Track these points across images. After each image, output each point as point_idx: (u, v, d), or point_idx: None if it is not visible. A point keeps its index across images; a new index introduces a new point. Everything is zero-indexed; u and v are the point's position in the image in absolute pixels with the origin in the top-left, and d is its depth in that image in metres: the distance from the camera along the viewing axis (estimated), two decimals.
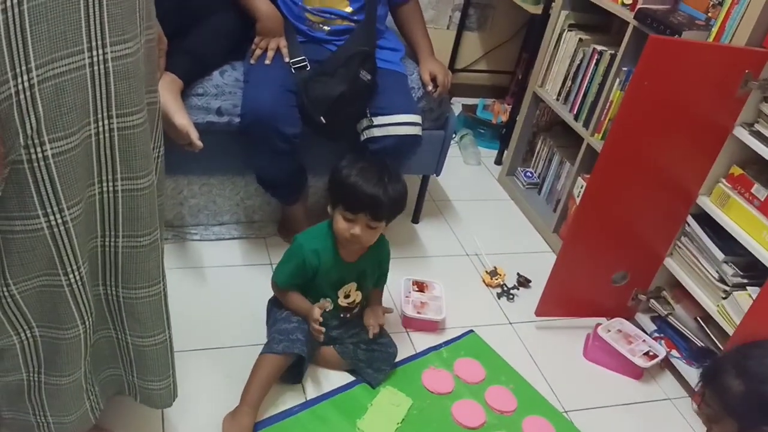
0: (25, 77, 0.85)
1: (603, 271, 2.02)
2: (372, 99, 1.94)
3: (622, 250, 1.98)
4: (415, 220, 2.47)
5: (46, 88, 0.88)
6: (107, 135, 1.00)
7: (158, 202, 1.17)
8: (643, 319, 2.09)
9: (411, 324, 1.98)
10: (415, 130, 1.96)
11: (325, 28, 2.02)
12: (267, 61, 1.92)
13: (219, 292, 1.97)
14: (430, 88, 2.07)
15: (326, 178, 2.21)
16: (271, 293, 1.79)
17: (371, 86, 1.92)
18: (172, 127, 1.73)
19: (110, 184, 1.05)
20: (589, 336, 2.03)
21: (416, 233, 2.43)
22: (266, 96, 1.84)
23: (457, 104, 3.17)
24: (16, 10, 0.81)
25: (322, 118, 1.88)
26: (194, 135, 1.75)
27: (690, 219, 1.90)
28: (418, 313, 1.98)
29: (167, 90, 1.74)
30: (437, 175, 2.36)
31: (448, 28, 3.20)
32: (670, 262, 1.99)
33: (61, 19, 0.86)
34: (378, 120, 1.93)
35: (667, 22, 1.95)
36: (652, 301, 2.05)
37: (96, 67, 0.93)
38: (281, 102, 1.85)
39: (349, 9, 2.01)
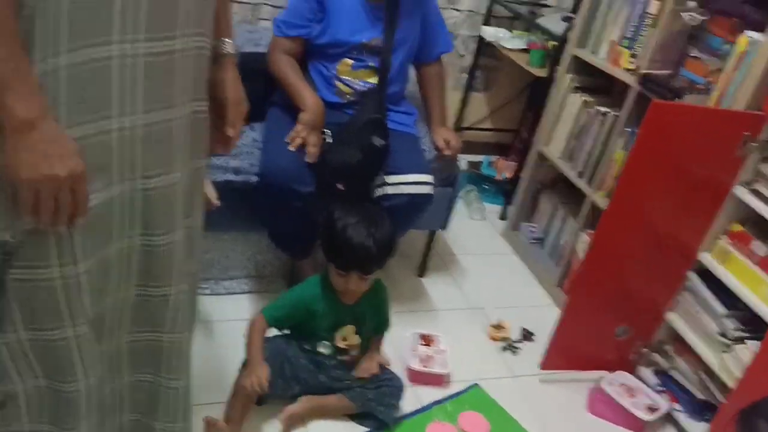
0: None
1: (606, 325, 2.05)
2: (386, 160, 2.01)
3: (624, 305, 2.02)
4: (421, 273, 2.51)
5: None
6: (129, 195, 1.05)
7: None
8: (646, 372, 2.11)
9: (417, 378, 1.99)
10: (428, 189, 2.03)
11: (352, 98, 2.11)
12: (309, 159, 1.93)
13: (229, 346, 1.96)
14: (446, 151, 2.18)
15: None
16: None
17: (384, 150, 1.99)
18: None
19: (127, 240, 1.08)
20: (593, 390, 2.04)
21: (422, 287, 2.47)
22: (284, 155, 1.91)
23: (462, 161, 3.25)
24: (52, 77, 0.88)
25: (340, 185, 1.96)
26: (212, 194, 1.81)
27: (691, 274, 1.95)
28: (425, 366, 2.00)
29: None
30: (444, 230, 2.42)
31: (454, 89, 3.31)
32: (671, 316, 2.02)
33: (94, 87, 0.92)
34: (391, 179, 2.00)
35: (669, 86, 2.04)
36: (654, 354, 2.08)
37: (125, 132, 0.98)
38: (298, 162, 1.92)
39: (373, 80, 2.09)
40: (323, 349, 1.78)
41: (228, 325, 2.07)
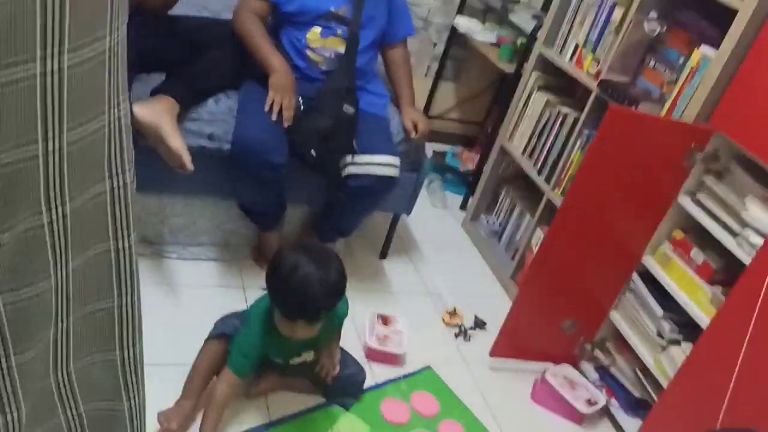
0: None
1: (554, 318, 2.15)
2: (355, 134, 2.06)
3: (572, 300, 2.11)
4: (383, 256, 2.58)
5: None
6: (60, 222, 0.96)
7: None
8: (587, 366, 2.21)
9: (373, 355, 2.07)
10: (393, 172, 2.08)
11: (323, 67, 2.15)
12: (286, 123, 1.97)
13: (191, 310, 2.03)
14: (413, 135, 2.22)
15: (304, 208, 2.35)
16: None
17: (354, 119, 2.06)
18: (166, 148, 1.83)
19: (63, 269, 1.01)
20: (538, 380, 2.14)
21: (383, 269, 2.54)
22: (258, 126, 1.95)
23: (428, 150, 3.31)
24: None
25: (312, 151, 2.00)
26: (187, 158, 1.84)
27: (635, 276, 2.05)
28: (381, 345, 2.07)
29: (166, 113, 1.84)
30: (408, 215, 2.49)
31: (425, 75, 3.36)
32: (614, 315, 2.13)
33: (16, 112, 0.83)
34: (359, 159, 2.05)
35: (626, 93, 2.11)
36: (596, 350, 2.19)
37: (51, 157, 0.90)
38: (271, 133, 1.96)
39: (342, 49, 2.14)
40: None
41: (191, 290, 2.13)
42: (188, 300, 2.09)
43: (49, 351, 1.09)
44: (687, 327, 1.88)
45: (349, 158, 2.06)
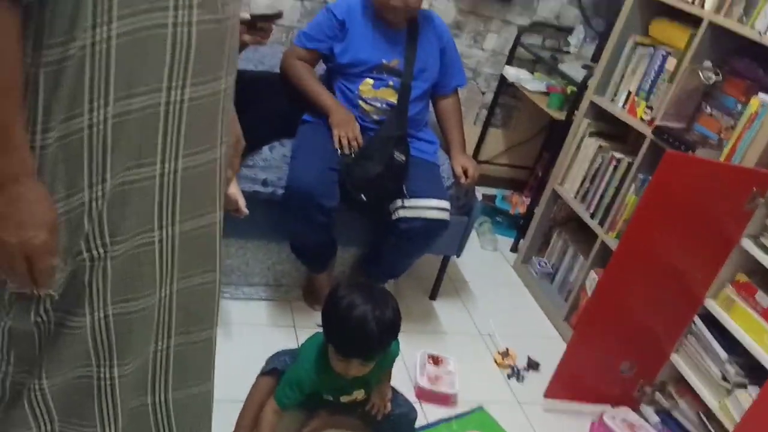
0: (99, 187, 0.92)
1: (611, 360, 2.13)
2: (406, 180, 2.12)
3: (630, 343, 2.10)
4: (433, 296, 2.60)
5: (115, 195, 0.94)
6: (170, 241, 1.04)
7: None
8: (648, 410, 2.18)
9: (424, 395, 2.08)
10: (444, 215, 2.13)
11: (375, 117, 2.23)
12: (351, 151, 2.09)
13: (243, 348, 2.06)
14: (463, 180, 2.28)
15: (354, 250, 2.41)
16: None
17: (405, 166, 2.12)
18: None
19: (167, 288, 1.08)
20: (595, 423, 2.12)
21: (433, 309, 2.56)
22: (310, 171, 2.03)
23: (477, 193, 3.36)
24: (100, 127, 0.88)
25: (363, 196, 2.06)
26: (242, 203, 1.91)
27: (697, 319, 2.03)
28: (432, 386, 2.08)
29: None
30: (458, 257, 2.52)
31: (474, 123, 3.44)
32: (676, 358, 2.11)
33: (141, 136, 0.93)
34: (410, 203, 2.10)
35: (682, 139, 2.14)
36: (657, 393, 2.16)
37: (166, 178, 0.99)
38: (323, 177, 2.03)
39: (394, 100, 2.22)
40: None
41: (244, 329, 2.17)
42: (240, 338, 2.13)
43: (147, 369, 1.13)
44: (753, 370, 1.86)
45: (399, 202, 2.11)
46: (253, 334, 2.16)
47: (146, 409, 1.17)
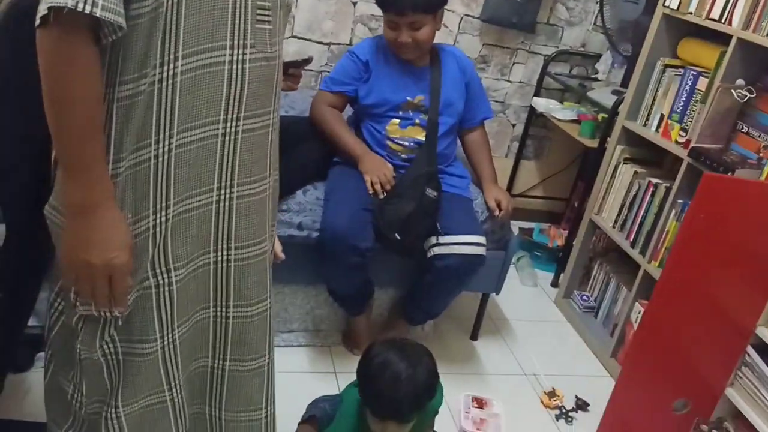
0: (163, 213, 0.99)
1: (663, 398, 2.03)
2: (439, 217, 2.10)
3: (682, 378, 2.00)
4: (474, 337, 2.54)
5: (177, 222, 1.00)
6: (224, 264, 1.10)
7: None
8: None
9: None
10: (480, 250, 2.09)
11: (403, 156, 2.23)
12: (380, 195, 2.09)
13: (284, 396, 2.00)
14: (497, 213, 2.23)
15: (392, 291, 2.38)
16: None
17: (437, 202, 2.11)
18: None
19: (223, 309, 1.14)
20: None
21: (474, 350, 2.50)
22: (344, 213, 2.03)
23: (514, 227, 3.31)
24: (165, 157, 0.96)
25: (396, 235, 2.05)
26: (278, 248, 1.92)
27: (750, 349, 1.93)
28: (478, 429, 2.01)
29: None
30: (497, 294, 2.46)
31: (506, 156, 3.40)
32: (731, 392, 1.99)
33: (200, 165, 1.00)
34: (444, 239, 2.07)
35: (720, 160, 2.07)
36: (713, 431, 2.04)
37: (222, 204, 1.06)
38: (357, 219, 2.03)
39: (422, 137, 2.22)
40: None
41: (285, 377, 2.13)
42: (281, 386, 2.07)
43: (205, 380, 1.20)
44: None
45: (434, 239, 2.08)
46: (294, 382, 2.13)
47: (203, 416, 1.23)
